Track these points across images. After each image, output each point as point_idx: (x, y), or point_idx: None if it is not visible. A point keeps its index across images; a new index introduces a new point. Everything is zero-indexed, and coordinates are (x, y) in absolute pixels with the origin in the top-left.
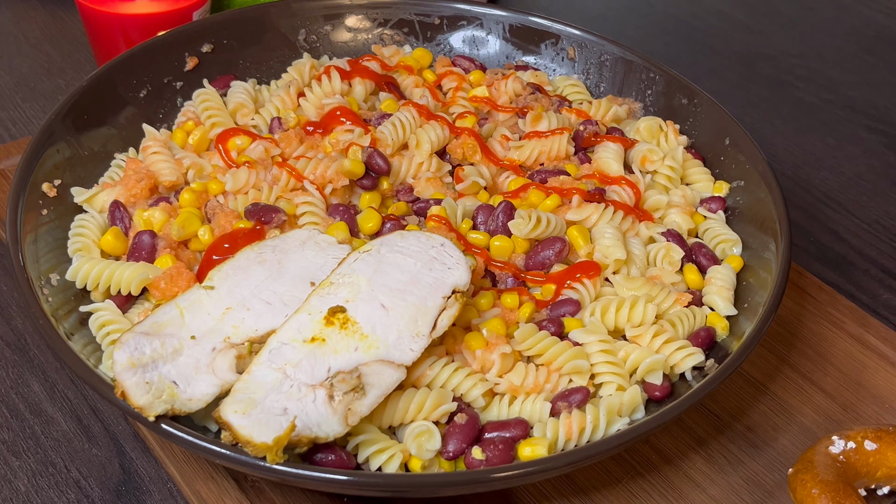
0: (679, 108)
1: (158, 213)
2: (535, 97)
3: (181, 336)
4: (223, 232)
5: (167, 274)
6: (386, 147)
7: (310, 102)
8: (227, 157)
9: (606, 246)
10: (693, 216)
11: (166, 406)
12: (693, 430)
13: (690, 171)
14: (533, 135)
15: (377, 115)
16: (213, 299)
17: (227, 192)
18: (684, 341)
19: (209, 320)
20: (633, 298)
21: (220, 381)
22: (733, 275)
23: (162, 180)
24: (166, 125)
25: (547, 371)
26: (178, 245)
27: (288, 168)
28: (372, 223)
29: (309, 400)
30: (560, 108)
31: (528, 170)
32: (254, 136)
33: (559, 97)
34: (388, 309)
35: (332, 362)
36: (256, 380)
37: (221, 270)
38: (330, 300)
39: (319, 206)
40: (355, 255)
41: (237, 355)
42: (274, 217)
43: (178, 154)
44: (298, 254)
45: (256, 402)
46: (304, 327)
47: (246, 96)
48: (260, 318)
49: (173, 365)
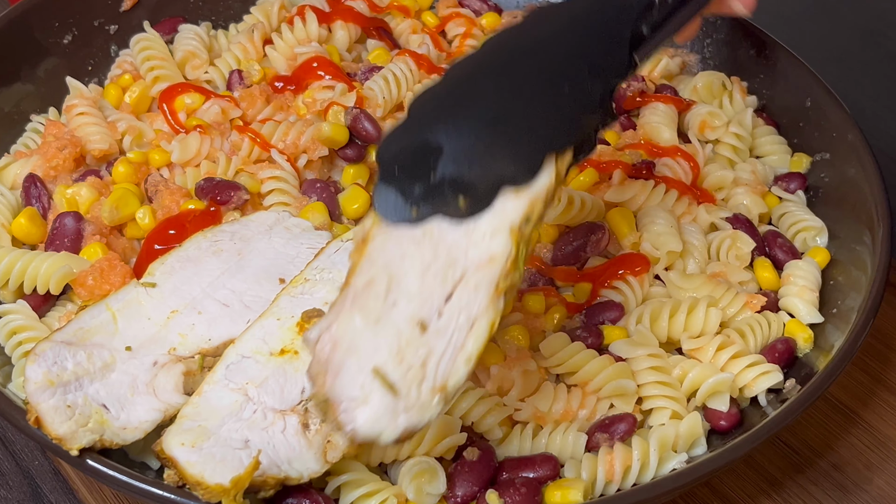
0: (747, 61)
1: (86, 191)
2: None
3: (113, 347)
4: (168, 214)
5: (96, 267)
6: (375, 108)
7: (279, 52)
8: (174, 119)
9: (657, 234)
10: (766, 197)
11: (93, 436)
12: (766, 470)
13: (762, 140)
14: None
15: (364, 67)
16: (154, 300)
17: (173, 165)
18: (756, 356)
19: (149, 327)
20: (690, 301)
21: (162, 405)
22: (818, 272)
23: (90, 149)
24: (96, 79)
25: (581, 394)
26: (111, 231)
27: (251, 134)
28: (358, 204)
29: (277, 429)
30: None
31: None
32: (208, 93)
33: None
34: None
35: (306, 381)
36: (210, 403)
37: (166, 263)
38: (304, 301)
39: (291, 183)
40: (336, 245)
41: (185, 372)
42: (233, 196)
43: (112, 116)
44: (264, 242)
45: (210, 431)
46: (271, 336)
47: (198, 43)
48: (214, 323)
49: (103, 384)
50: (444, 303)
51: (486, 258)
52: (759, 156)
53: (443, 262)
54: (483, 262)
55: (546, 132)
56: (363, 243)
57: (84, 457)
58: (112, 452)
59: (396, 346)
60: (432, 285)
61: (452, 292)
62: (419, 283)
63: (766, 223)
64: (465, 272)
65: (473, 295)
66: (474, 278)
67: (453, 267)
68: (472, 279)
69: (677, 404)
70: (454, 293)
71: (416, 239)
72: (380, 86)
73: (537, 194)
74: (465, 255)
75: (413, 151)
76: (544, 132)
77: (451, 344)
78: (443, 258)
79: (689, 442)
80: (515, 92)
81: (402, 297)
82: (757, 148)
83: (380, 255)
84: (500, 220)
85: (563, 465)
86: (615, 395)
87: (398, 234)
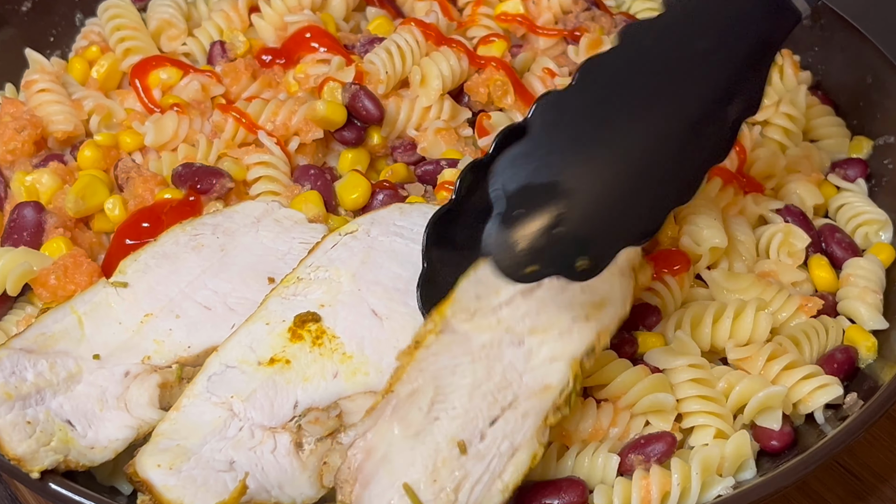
0: (799, 31)
1: (47, 178)
2: (592, 14)
3: (79, 355)
4: (141, 205)
5: (59, 265)
6: (377, 84)
7: (266, 21)
8: (148, 97)
9: (698, 228)
10: (822, 186)
11: (57, 457)
12: (822, 498)
13: (817, 121)
14: None
15: (364, 38)
16: (126, 302)
17: (146, 148)
18: (813, 367)
19: (120, 333)
20: (737, 305)
21: (135, 421)
22: (881, 271)
23: (53, 130)
24: (59, 52)
25: (613, 409)
26: (76, 223)
27: (235, 114)
28: (357, 193)
29: (266, 449)
30: None
31: None
32: (186, 67)
33: (625, 15)
34: (381, 317)
35: (300, 394)
36: (189, 419)
37: (139, 261)
38: (297, 304)
39: (281, 169)
40: (333, 239)
41: (161, 383)
42: (215, 184)
43: (77, 93)
44: (250, 237)
45: (189, 451)
46: (259, 343)
47: (174, 11)
48: (194, 329)
49: (67, 397)
50: (489, 425)
51: (541, 386)
52: (813, 139)
53: (496, 384)
54: (537, 391)
55: (675, 185)
56: (415, 347)
57: (46, 480)
58: (78, 475)
59: (432, 465)
60: (480, 406)
61: (499, 416)
62: (467, 401)
63: (822, 216)
64: (517, 398)
65: (521, 423)
66: (524, 405)
67: (505, 390)
68: (523, 406)
69: (722, 422)
70: (501, 417)
71: (472, 353)
72: (382, 59)
73: (606, 325)
74: (520, 379)
75: (539, 191)
76: (674, 185)
77: (489, 470)
78: (496, 379)
79: (736, 465)
80: (663, 137)
81: (446, 414)
82: (811, 130)
83: (431, 363)
84: (563, 347)
85: (591, 490)
86: (651, 411)
87: (454, 346)
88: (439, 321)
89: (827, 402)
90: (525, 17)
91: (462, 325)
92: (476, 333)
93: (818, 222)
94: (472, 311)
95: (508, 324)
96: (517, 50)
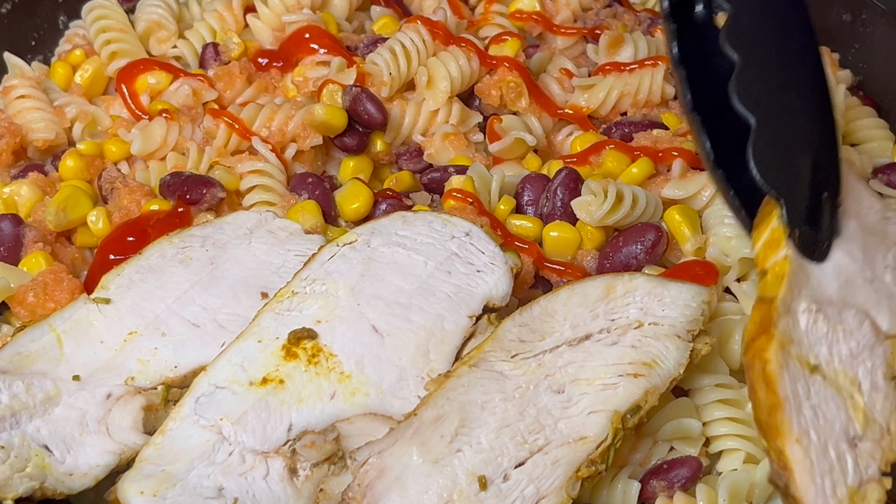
0: (839, 27)
1: (27, 189)
2: (614, 11)
3: (58, 376)
4: (127, 217)
5: (39, 281)
6: (380, 87)
7: (263, 21)
8: (135, 103)
9: (726, 238)
10: None
11: (32, 483)
12: None
13: (858, 123)
14: (610, 68)
15: (367, 38)
16: (108, 319)
17: (133, 157)
18: None
19: (102, 352)
20: None
21: (117, 446)
22: None
23: (33, 139)
24: (41, 56)
25: (634, 434)
26: (57, 238)
27: (228, 119)
28: (358, 203)
29: (258, 475)
30: (652, 28)
31: (602, 121)
32: (176, 71)
33: (649, 11)
34: (382, 334)
35: (294, 416)
36: (176, 443)
37: (122, 275)
38: (292, 320)
39: (276, 177)
40: (331, 250)
41: (145, 406)
42: (205, 194)
43: (59, 99)
44: (242, 249)
45: (175, 477)
46: (251, 362)
47: (164, 11)
48: (181, 347)
49: (45, 420)
50: (514, 467)
51: (577, 436)
52: (854, 143)
53: (527, 426)
54: (572, 440)
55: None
56: (446, 376)
57: None
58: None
59: (448, 495)
60: (507, 444)
61: (528, 458)
62: (493, 437)
63: None
64: (549, 443)
65: (549, 470)
66: (556, 453)
67: (537, 434)
68: (554, 453)
69: (752, 445)
70: (529, 460)
71: (505, 392)
72: (385, 59)
73: (655, 385)
74: (555, 425)
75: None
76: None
77: None
78: (528, 421)
79: (768, 492)
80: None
81: (469, 447)
82: (852, 133)
83: (460, 394)
84: (605, 400)
85: None
86: (676, 436)
87: (487, 381)
88: (476, 355)
89: None
90: (541, 14)
91: (500, 364)
92: (513, 373)
93: None
94: (512, 352)
95: (549, 370)
96: (532, 50)
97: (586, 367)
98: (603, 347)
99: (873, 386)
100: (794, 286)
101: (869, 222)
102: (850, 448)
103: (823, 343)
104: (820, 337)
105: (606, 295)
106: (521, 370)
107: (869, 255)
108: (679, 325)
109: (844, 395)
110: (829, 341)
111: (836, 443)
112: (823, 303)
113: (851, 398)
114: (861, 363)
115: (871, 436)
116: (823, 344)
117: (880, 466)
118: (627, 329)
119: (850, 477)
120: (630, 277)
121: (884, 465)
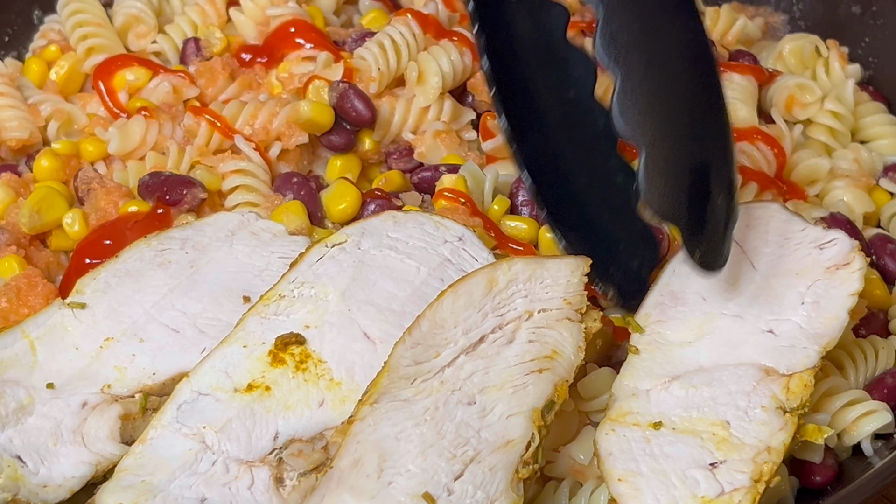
0: (848, 20)
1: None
2: None
3: (31, 384)
4: (104, 219)
5: (12, 286)
6: (369, 82)
7: (246, 15)
8: (113, 100)
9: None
10: (872, 193)
11: (4, 496)
12: None
13: (867, 120)
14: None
15: (356, 33)
16: (84, 325)
17: (110, 157)
18: (858, 392)
19: (77, 359)
20: None
21: (93, 457)
22: None
23: (6, 138)
24: (15, 53)
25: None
26: (31, 241)
27: (209, 117)
28: (345, 203)
29: (242, 485)
30: None
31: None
32: (155, 67)
33: None
34: (374, 341)
35: (281, 424)
36: (157, 453)
37: (98, 279)
38: (279, 324)
39: (260, 177)
40: (319, 251)
41: (123, 415)
42: (186, 194)
43: (34, 97)
44: (224, 251)
45: (156, 488)
46: (235, 368)
47: (143, 6)
48: (160, 353)
49: (17, 430)
50: (454, 480)
51: (503, 441)
52: (863, 140)
53: (450, 441)
54: (499, 445)
55: None
56: (348, 423)
57: None
58: None
59: None
60: (438, 463)
61: (464, 470)
62: (421, 461)
63: (873, 225)
64: (479, 452)
65: (490, 476)
66: (489, 459)
67: (464, 447)
68: (487, 460)
69: None
70: (466, 470)
71: (414, 418)
72: (374, 54)
73: (562, 376)
74: (478, 435)
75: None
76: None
77: None
78: (450, 437)
79: (773, 502)
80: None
81: (400, 476)
82: (861, 130)
83: (369, 434)
84: (518, 402)
85: None
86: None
87: (393, 413)
88: (373, 392)
89: (875, 432)
90: None
91: (402, 392)
92: (418, 398)
93: (869, 233)
94: (411, 378)
95: (454, 385)
96: None
97: (490, 374)
98: (500, 348)
99: (747, 419)
100: (634, 371)
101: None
102: (703, 470)
103: (674, 405)
104: (671, 401)
105: (490, 289)
106: (424, 393)
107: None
108: (566, 306)
109: (702, 435)
110: (685, 401)
111: (681, 470)
112: (681, 374)
113: (713, 435)
114: (731, 407)
115: (739, 457)
116: (674, 405)
117: (752, 477)
118: (519, 323)
119: (701, 489)
120: (508, 265)
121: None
